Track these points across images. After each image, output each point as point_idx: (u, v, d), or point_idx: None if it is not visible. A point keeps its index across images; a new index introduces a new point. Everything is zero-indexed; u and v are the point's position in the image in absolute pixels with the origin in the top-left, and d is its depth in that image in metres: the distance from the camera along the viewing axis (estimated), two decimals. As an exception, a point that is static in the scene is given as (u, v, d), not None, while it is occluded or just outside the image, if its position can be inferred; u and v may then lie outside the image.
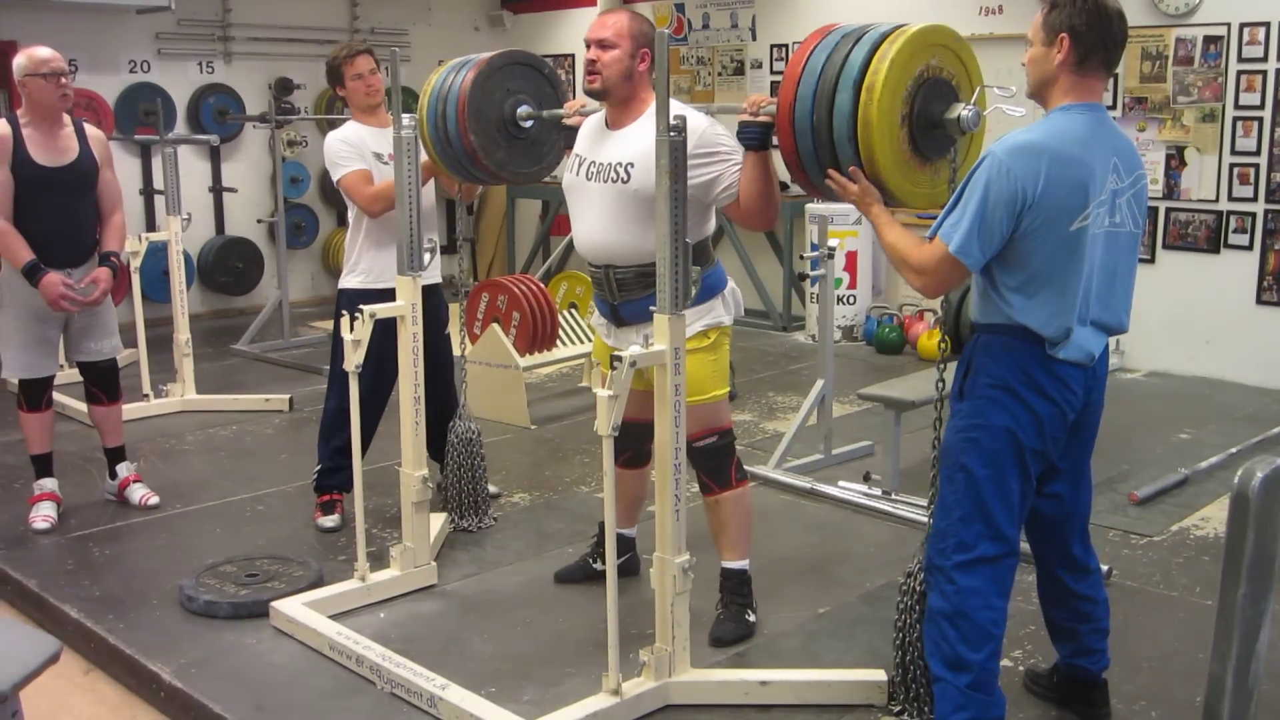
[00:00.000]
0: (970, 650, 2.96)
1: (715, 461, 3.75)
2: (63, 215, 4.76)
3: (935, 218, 2.95)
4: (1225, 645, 2.09)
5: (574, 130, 3.93)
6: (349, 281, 4.79)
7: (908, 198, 3.11)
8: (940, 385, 3.34)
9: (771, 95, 3.34)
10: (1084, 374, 2.99)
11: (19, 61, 4.69)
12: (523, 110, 4.20)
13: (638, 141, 3.56)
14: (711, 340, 3.71)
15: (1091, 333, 2.97)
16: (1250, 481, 2.03)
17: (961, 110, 3.06)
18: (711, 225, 3.78)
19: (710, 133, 3.55)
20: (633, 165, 3.58)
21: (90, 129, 4.93)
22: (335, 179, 4.75)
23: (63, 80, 4.70)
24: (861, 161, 3.01)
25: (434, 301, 4.80)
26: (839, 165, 3.07)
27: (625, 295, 3.70)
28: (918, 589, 3.20)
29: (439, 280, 4.88)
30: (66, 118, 4.82)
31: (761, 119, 3.31)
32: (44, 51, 4.70)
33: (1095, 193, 2.87)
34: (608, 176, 3.65)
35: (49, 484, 5.01)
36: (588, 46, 3.65)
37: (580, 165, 3.78)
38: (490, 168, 4.22)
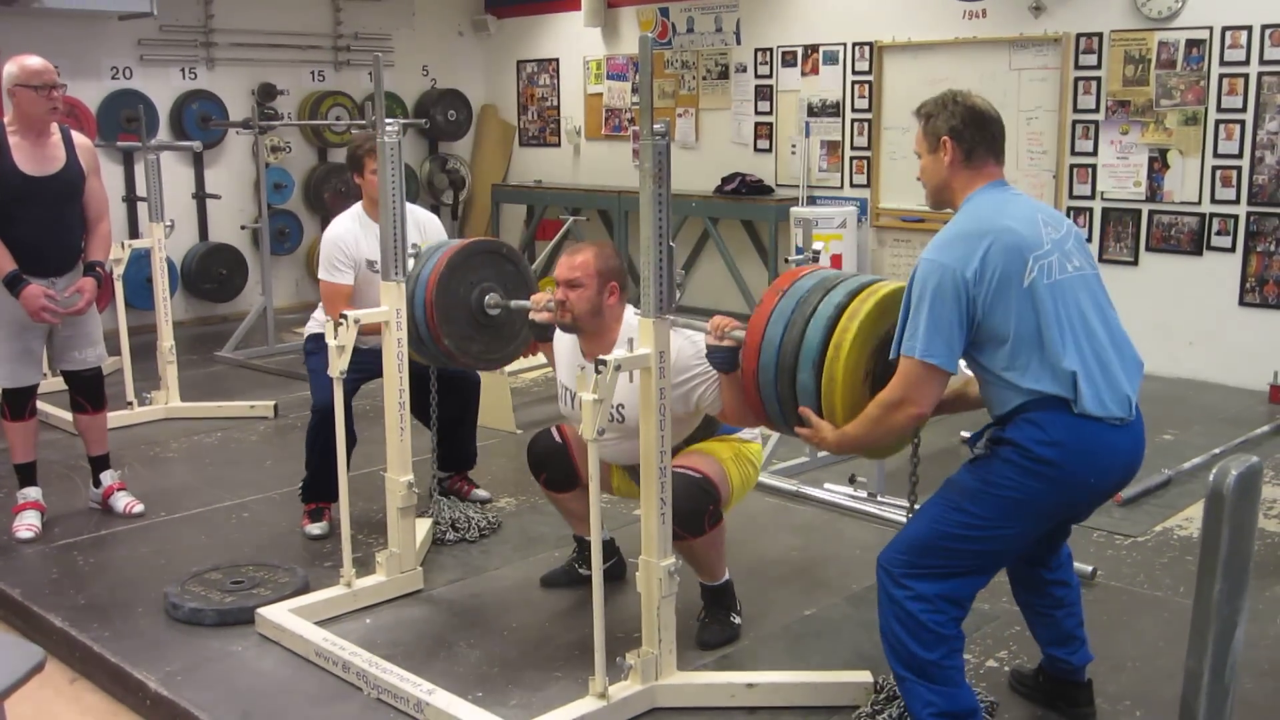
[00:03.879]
0: (924, 650, 2.95)
1: (690, 505, 3.57)
2: (49, 224, 4.73)
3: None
4: (1201, 642, 2.11)
5: (543, 327, 3.95)
6: (318, 327, 4.86)
7: None
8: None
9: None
10: (1121, 437, 2.93)
11: (9, 70, 4.66)
12: (490, 299, 4.34)
13: (619, 383, 3.55)
14: (727, 440, 3.84)
15: (1106, 379, 2.91)
16: (1225, 480, 2.04)
17: None
18: (700, 417, 3.81)
19: (680, 361, 3.53)
20: (623, 407, 3.68)
21: (78, 137, 4.90)
22: (319, 275, 4.86)
23: (53, 93, 4.67)
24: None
25: None
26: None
27: None
28: None
29: None
30: (54, 126, 4.79)
31: (727, 344, 3.29)
32: (35, 62, 4.66)
33: (1033, 246, 2.90)
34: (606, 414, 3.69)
35: (33, 493, 4.99)
36: (556, 286, 3.75)
37: (574, 399, 3.73)
38: (468, 361, 4.43)
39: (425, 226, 4.97)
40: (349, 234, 4.82)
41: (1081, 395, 2.86)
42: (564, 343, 3.96)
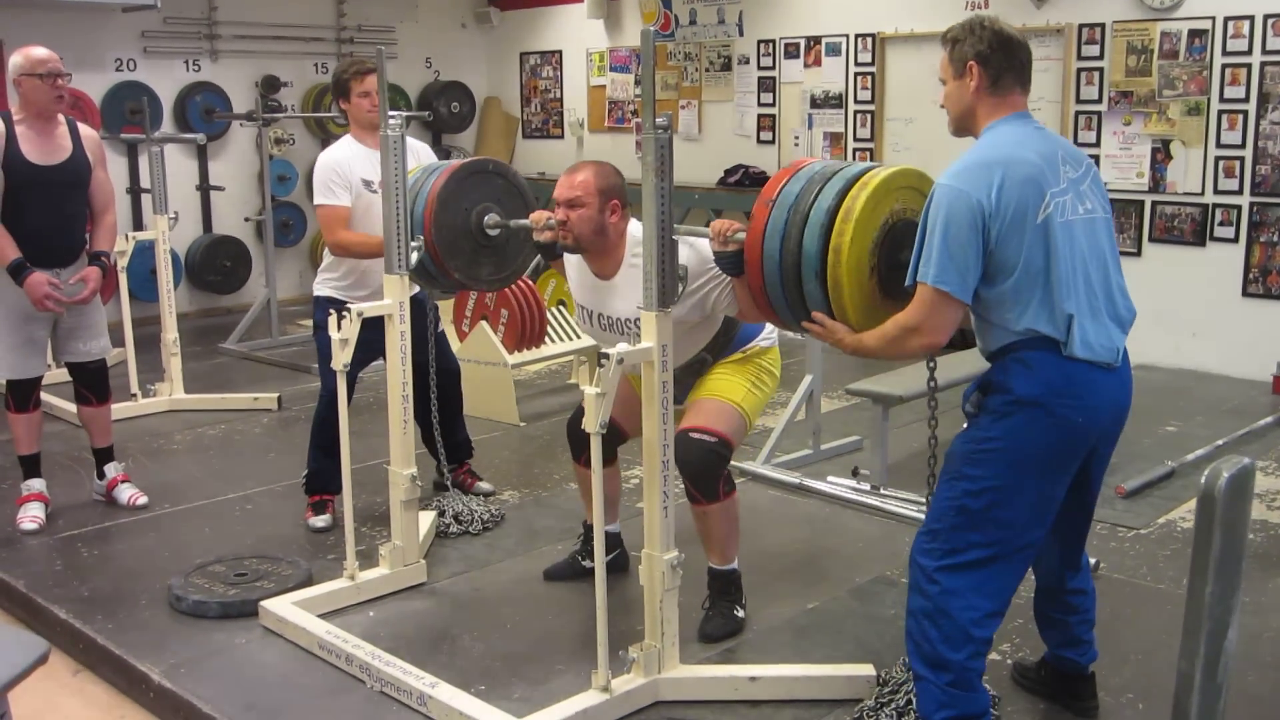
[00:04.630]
0: (950, 650, 2.92)
1: (702, 469, 3.67)
2: (54, 214, 4.74)
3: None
4: (1193, 642, 2.10)
5: (548, 246, 3.88)
6: (323, 288, 4.83)
7: None
8: (932, 383, 3.34)
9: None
10: (1108, 379, 2.93)
11: (15, 60, 4.67)
12: (489, 220, 4.28)
13: (634, 297, 3.57)
14: (747, 355, 3.85)
15: (1096, 326, 2.91)
16: (1217, 481, 2.03)
17: None
18: (719, 319, 3.81)
19: (690, 270, 3.50)
20: (638, 321, 3.60)
21: (84, 128, 4.91)
22: (315, 202, 4.79)
23: (59, 82, 4.68)
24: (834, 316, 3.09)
25: (418, 312, 4.78)
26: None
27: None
28: None
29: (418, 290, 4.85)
30: (60, 117, 4.80)
31: (731, 248, 3.28)
32: (40, 52, 4.68)
33: (1050, 182, 2.87)
34: (623, 330, 3.75)
35: (37, 484, 5.00)
36: (557, 206, 3.69)
37: (591, 316, 3.88)
38: (480, 286, 4.49)
39: (420, 154, 4.90)
40: (342, 156, 4.79)
41: (1073, 338, 2.85)
42: (574, 258, 3.90)
